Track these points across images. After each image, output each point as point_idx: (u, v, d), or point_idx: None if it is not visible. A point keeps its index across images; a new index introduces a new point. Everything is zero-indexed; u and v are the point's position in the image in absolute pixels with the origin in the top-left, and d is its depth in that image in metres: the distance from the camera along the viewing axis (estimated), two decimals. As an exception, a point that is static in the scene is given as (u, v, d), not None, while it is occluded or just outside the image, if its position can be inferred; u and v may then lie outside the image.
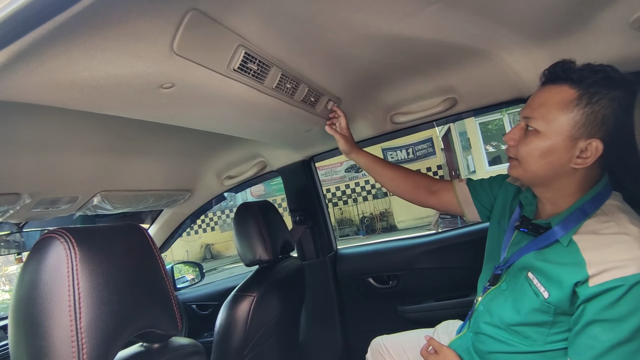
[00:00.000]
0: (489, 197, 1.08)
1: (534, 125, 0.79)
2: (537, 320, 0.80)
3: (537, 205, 0.91)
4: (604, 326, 0.70)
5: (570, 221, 0.78)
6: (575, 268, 0.73)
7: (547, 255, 0.81)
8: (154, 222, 2.02)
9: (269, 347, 1.23)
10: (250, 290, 1.17)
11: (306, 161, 1.78)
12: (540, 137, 0.78)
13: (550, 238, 0.80)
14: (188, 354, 0.74)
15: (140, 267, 0.65)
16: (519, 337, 0.85)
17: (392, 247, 1.79)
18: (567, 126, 0.75)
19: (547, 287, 0.78)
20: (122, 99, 0.73)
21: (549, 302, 0.77)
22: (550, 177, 0.81)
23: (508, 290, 0.89)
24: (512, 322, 0.85)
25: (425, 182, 1.19)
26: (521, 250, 0.87)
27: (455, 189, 1.13)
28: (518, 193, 1.00)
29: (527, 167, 0.82)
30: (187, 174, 1.73)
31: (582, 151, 0.75)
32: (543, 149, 0.78)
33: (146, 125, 0.96)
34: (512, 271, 0.89)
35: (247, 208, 1.28)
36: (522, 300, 0.83)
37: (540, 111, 0.78)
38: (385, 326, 1.48)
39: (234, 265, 9.38)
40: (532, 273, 0.82)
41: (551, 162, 0.78)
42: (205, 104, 0.87)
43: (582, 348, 0.73)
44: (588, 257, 0.73)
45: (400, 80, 1.32)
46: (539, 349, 0.82)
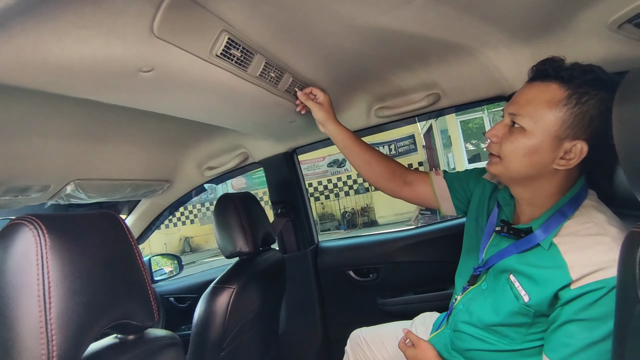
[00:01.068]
0: (465, 192, 1.08)
1: (521, 122, 0.77)
2: (515, 322, 0.81)
3: (515, 206, 0.91)
4: (581, 325, 0.71)
5: (551, 224, 0.78)
6: (558, 272, 0.74)
7: (529, 258, 0.80)
8: (131, 213, 1.96)
9: (248, 340, 1.22)
10: (229, 282, 1.15)
11: (289, 153, 1.77)
12: (527, 135, 0.76)
13: (531, 242, 0.80)
14: (164, 346, 0.73)
15: (116, 256, 0.63)
16: (497, 336, 0.86)
17: (372, 241, 1.80)
18: (555, 126, 0.74)
19: (528, 291, 0.78)
20: (97, 82, 0.70)
21: (529, 305, 0.78)
22: (531, 177, 0.80)
23: (488, 291, 0.89)
24: (491, 322, 0.85)
25: (401, 171, 1.15)
26: (501, 253, 0.86)
27: (432, 182, 1.11)
28: (495, 190, 1.00)
29: (509, 166, 0.80)
30: (167, 163, 1.68)
31: (566, 152, 0.74)
32: (528, 148, 0.77)
33: (124, 111, 0.93)
34: (493, 272, 0.89)
35: (227, 199, 1.25)
36: (501, 302, 0.83)
37: (528, 109, 0.77)
38: (365, 318, 1.50)
39: (214, 259, 9.28)
40: (514, 276, 0.82)
41: (534, 161, 0.77)
42: (186, 90, 0.85)
43: (558, 345, 0.74)
44: (569, 260, 0.73)
45: (385, 73, 1.32)
46: (517, 347, 0.83)
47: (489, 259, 0.90)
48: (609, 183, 1.01)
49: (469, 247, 1.04)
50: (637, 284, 0.51)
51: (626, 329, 0.53)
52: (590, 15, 0.93)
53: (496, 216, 0.95)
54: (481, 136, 9.82)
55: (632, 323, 0.52)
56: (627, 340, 0.53)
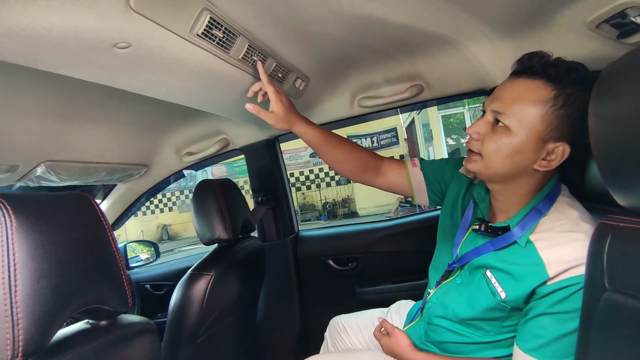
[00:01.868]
0: (440, 185, 1.08)
1: (505, 121, 0.75)
2: (491, 316, 0.83)
3: (490, 202, 0.91)
4: (553, 318, 0.73)
5: (527, 222, 0.79)
6: (536, 269, 0.74)
7: (506, 256, 0.81)
8: (106, 198, 1.90)
9: (226, 327, 1.21)
10: (207, 269, 1.14)
11: (271, 141, 1.74)
12: (511, 135, 0.74)
13: (508, 239, 0.80)
14: (138, 332, 0.71)
15: (87, 239, 0.61)
16: (472, 329, 0.87)
17: (352, 231, 1.81)
18: (540, 127, 0.72)
19: (505, 288, 0.79)
20: (68, 55, 0.66)
21: (506, 301, 0.79)
22: (510, 176, 0.79)
23: (462, 285, 0.90)
24: (466, 316, 0.87)
25: (374, 163, 1.10)
26: (478, 250, 0.86)
27: (408, 174, 1.09)
28: (471, 186, 1.00)
29: (490, 165, 0.79)
30: (144, 147, 1.63)
31: (549, 153, 0.74)
32: (512, 148, 0.75)
33: (99, 90, 0.89)
34: (468, 268, 0.90)
35: (207, 185, 1.23)
36: (477, 297, 0.84)
37: (514, 108, 0.74)
38: (343, 307, 1.51)
39: (192, 247, 9.18)
40: (491, 272, 0.83)
41: (516, 161, 0.76)
42: (164, 70, 0.82)
43: (529, 336, 0.76)
44: (546, 257, 0.74)
45: (369, 63, 1.31)
46: (491, 339, 0.85)
47: (464, 255, 0.90)
48: (581, 179, 1.05)
49: (442, 242, 1.04)
50: (604, 274, 0.53)
51: (592, 317, 0.56)
52: (570, 13, 0.95)
53: (471, 212, 0.95)
54: (462, 131, 9.99)
55: (598, 311, 0.54)
56: (592, 326, 0.56)
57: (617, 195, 0.52)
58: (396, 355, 0.98)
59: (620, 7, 0.80)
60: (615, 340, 0.50)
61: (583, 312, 0.60)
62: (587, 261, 0.58)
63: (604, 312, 0.53)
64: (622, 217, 0.53)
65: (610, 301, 0.52)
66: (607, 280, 0.52)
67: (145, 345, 0.72)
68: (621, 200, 0.52)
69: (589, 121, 0.56)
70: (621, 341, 0.49)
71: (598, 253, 0.55)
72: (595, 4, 0.86)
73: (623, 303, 0.49)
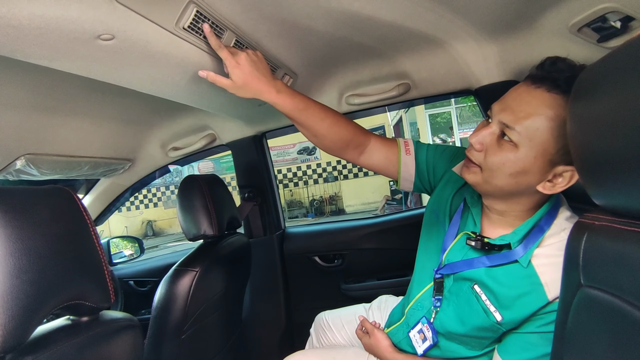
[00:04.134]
0: (429, 177, 1.00)
1: (514, 138, 0.67)
2: (481, 335, 0.80)
3: (483, 212, 0.85)
4: (543, 337, 0.71)
5: (530, 240, 0.73)
6: (535, 293, 0.71)
7: (499, 275, 0.76)
8: (89, 192, 1.87)
9: (211, 323, 1.21)
10: (192, 265, 1.13)
11: (258, 137, 1.74)
12: (518, 152, 0.67)
13: (508, 257, 0.75)
14: (121, 328, 0.70)
15: (69, 234, 0.60)
16: (457, 342, 0.85)
17: (338, 228, 1.82)
18: (552, 149, 0.65)
19: (499, 309, 0.75)
20: (50, 46, 0.64)
21: (501, 324, 0.75)
22: (510, 194, 0.73)
23: (451, 296, 0.85)
24: (456, 332, 0.83)
25: (357, 140, 0.97)
26: (470, 262, 0.80)
27: (400, 161, 0.99)
28: (462, 186, 0.93)
29: (490, 180, 0.72)
30: (129, 141, 1.61)
31: (555, 176, 0.67)
32: (516, 167, 0.68)
33: (83, 83, 0.87)
34: (457, 278, 0.84)
35: (192, 180, 1.22)
36: (468, 313, 0.80)
37: (526, 123, 0.65)
38: (329, 303, 1.52)
39: (178, 243, 9.07)
40: (481, 288, 0.78)
41: (520, 181, 0.69)
42: (150, 64, 0.80)
43: (516, 349, 0.75)
44: (545, 279, 0.70)
45: (357, 61, 1.32)
46: (475, 354, 0.84)
47: (452, 264, 0.84)
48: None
49: (427, 242, 0.98)
50: (580, 270, 0.55)
51: (567, 311, 0.58)
52: (554, 17, 0.97)
53: (460, 215, 0.90)
54: (448, 130, 10.10)
55: (573, 305, 0.56)
56: (567, 320, 0.57)
57: (594, 195, 0.53)
58: (377, 355, 0.99)
59: (601, 11, 0.83)
60: (589, 333, 0.52)
61: (559, 308, 0.61)
62: (564, 258, 0.60)
63: (578, 307, 0.55)
64: (597, 216, 0.55)
65: (585, 296, 0.53)
66: (583, 277, 0.54)
67: (128, 341, 0.72)
68: (597, 200, 0.53)
69: (567, 122, 0.57)
70: (594, 334, 0.51)
71: (574, 250, 0.56)
72: (578, 8, 0.88)
73: (597, 298, 0.50)
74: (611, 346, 0.47)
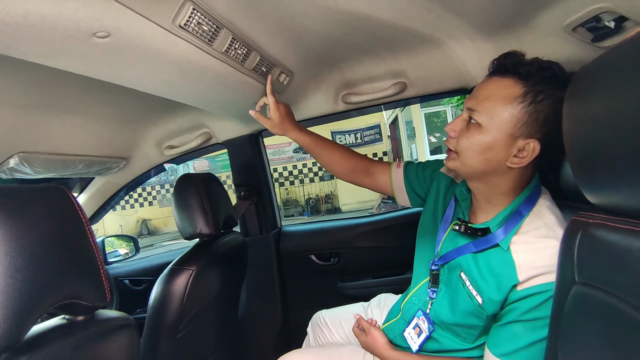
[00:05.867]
0: (422, 186, 1.09)
1: (477, 118, 0.77)
2: (469, 323, 0.84)
3: (472, 201, 0.91)
4: (526, 326, 0.74)
5: (510, 224, 0.79)
6: (507, 273, 0.75)
7: (480, 259, 0.82)
8: (83, 191, 1.85)
9: (207, 322, 1.21)
10: (188, 263, 1.13)
11: (254, 135, 1.73)
12: (482, 131, 0.76)
13: (490, 241, 0.80)
14: (117, 327, 0.70)
15: (64, 232, 0.59)
16: (450, 334, 0.89)
17: (335, 226, 1.83)
18: (510, 123, 0.73)
19: (479, 292, 0.80)
20: (45, 44, 0.64)
21: (483, 308, 0.79)
22: (486, 173, 0.80)
23: (445, 286, 0.91)
24: (448, 321, 0.88)
25: (362, 165, 1.17)
26: (459, 250, 0.87)
27: (391, 174, 1.13)
28: (452, 184, 1.01)
29: (465, 161, 0.80)
30: (124, 140, 1.60)
31: (520, 150, 0.74)
32: (483, 144, 0.76)
33: (78, 80, 0.86)
34: (448, 267, 0.90)
35: (188, 179, 1.21)
36: (457, 301, 0.85)
37: (485, 104, 0.76)
38: (325, 301, 1.52)
39: (173, 242, 9.03)
40: (466, 274, 0.83)
41: (489, 158, 0.77)
42: (146, 62, 0.80)
43: (502, 341, 0.78)
44: (518, 260, 0.75)
45: (353, 59, 1.32)
46: (467, 346, 0.87)
47: (446, 254, 0.90)
48: (556, 178, 1.09)
49: (424, 239, 1.04)
50: (575, 267, 0.56)
51: (562, 308, 0.58)
52: (549, 16, 0.98)
53: (452, 210, 0.96)
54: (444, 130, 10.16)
55: (568, 302, 0.57)
56: (562, 317, 0.58)
57: (588, 193, 0.54)
58: (373, 353, 1.00)
59: (595, 11, 0.83)
60: (583, 330, 0.53)
61: (554, 304, 0.62)
62: (559, 256, 0.61)
63: (573, 304, 0.55)
64: (592, 214, 0.55)
65: (579, 293, 0.54)
66: (577, 274, 0.55)
67: (124, 340, 0.71)
68: (592, 198, 0.54)
69: (563, 121, 0.58)
70: (588, 330, 0.51)
71: (569, 248, 0.57)
72: (572, 8, 0.89)
73: (591, 295, 0.51)
74: (605, 343, 0.47)
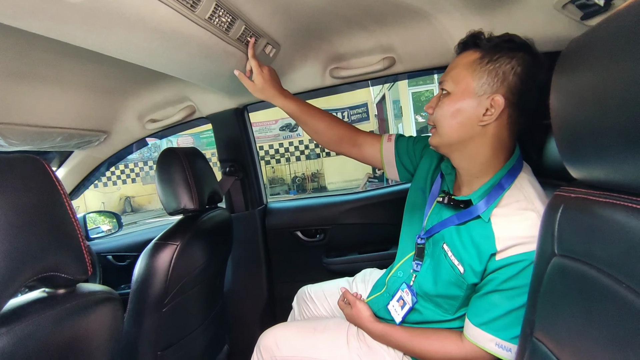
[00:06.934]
0: (411, 161, 1.11)
1: (446, 87, 0.84)
2: (450, 294, 0.87)
3: (456, 176, 0.95)
4: (503, 295, 0.78)
5: (491, 196, 0.82)
6: (486, 242, 0.79)
7: (465, 230, 0.85)
8: (62, 165, 1.80)
9: (192, 296, 1.21)
10: (173, 238, 1.11)
11: (239, 109, 1.69)
12: (451, 97, 0.83)
13: (472, 213, 0.84)
14: (99, 301, 0.69)
15: (41, 204, 0.57)
16: (432, 305, 0.92)
17: (321, 203, 1.83)
18: (472, 83, 0.80)
19: (460, 261, 0.84)
20: (13, 2, 0.59)
21: (464, 277, 0.83)
22: (463, 141, 0.84)
23: (429, 260, 0.94)
24: (430, 292, 0.91)
25: (350, 135, 1.16)
26: (443, 223, 0.90)
27: (381, 148, 1.14)
28: (440, 161, 1.03)
29: (442, 132, 0.85)
30: (104, 112, 1.54)
31: (488, 109, 0.80)
32: (453, 109, 0.82)
33: (54, 47, 0.81)
34: (432, 241, 0.94)
35: (171, 153, 1.18)
36: (440, 272, 0.88)
37: (451, 74, 0.84)
38: (310, 277, 1.54)
39: (158, 219, 8.95)
40: (448, 246, 0.87)
41: (461, 122, 0.82)
42: (124, 27, 0.76)
43: (481, 311, 0.81)
44: (497, 231, 0.79)
45: (342, 32, 1.28)
46: (449, 317, 0.90)
47: (431, 227, 0.94)
48: (538, 156, 1.10)
49: (411, 215, 1.07)
50: (555, 241, 0.57)
51: (541, 280, 0.60)
52: None
53: (439, 185, 0.99)
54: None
55: (547, 274, 0.59)
56: (540, 288, 0.60)
57: (572, 168, 0.55)
58: (358, 325, 1.02)
59: (586, -13, 0.82)
60: (561, 300, 0.54)
61: (533, 276, 0.64)
62: (540, 229, 0.62)
63: (551, 275, 0.57)
64: (574, 189, 0.56)
65: (558, 265, 0.56)
66: (557, 247, 0.56)
67: (107, 314, 0.71)
68: (574, 173, 0.55)
69: (550, 97, 0.58)
70: (566, 300, 0.53)
71: (550, 222, 0.58)
72: None
73: (569, 266, 0.53)
74: (582, 312, 0.49)
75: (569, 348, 0.52)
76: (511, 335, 0.77)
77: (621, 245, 0.43)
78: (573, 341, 0.51)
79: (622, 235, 0.43)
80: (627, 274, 0.42)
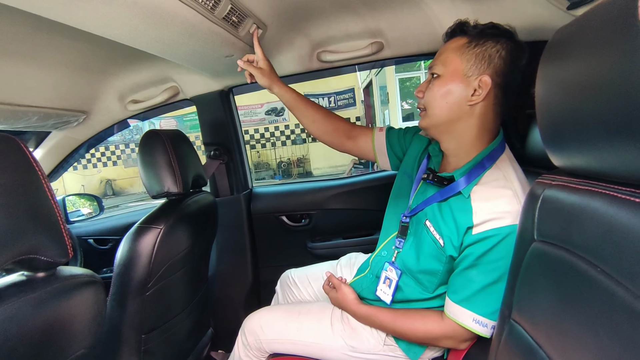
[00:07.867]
0: (402, 148, 1.14)
1: (436, 71, 0.88)
2: (431, 268, 0.90)
3: (442, 158, 0.98)
4: (479, 269, 0.81)
5: (472, 174, 0.86)
6: (464, 216, 0.83)
7: (446, 206, 0.88)
8: (39, 146, 1.73)
9: (176, 280, 1.20)
10: (156, 222, 1.10)
11: (225, 92, 1.66)
12: (441, 80, 0.87)
13: (454, 189, 0.87)
14: (81, 284, 0.68)
15: (17, 185, 0.56)
16: (414, 282, 0.94)
17: (306, 188, 1.83)
18: (461, 65, 0.85)
19: (441, 235, 0.87)
20: None
21: (444, 250, 0.86)
22: (451, 121, 0.88)
23: (412, 237, 0.97)
24: (414, 268, 0.93)
25: (345, 127, 1.20)
26: (427, 200, 0.93)
27: (373, 137, 1.17)
28: (428, 146, 1.05)
29: (431, 113, 0.89)
30: (83, 92, 1.48)
31: (476, 89, 0.84)
32: (443, 90, 0.87)
33: (28, 20, 0.77)
34: (416, 219, 0.96)
35: (154, 135, 1.15)
36: (422, 247, 0.91)
37: (440, 58, 0.89)
38: (295, 261, 1.55)
39: (140, 203, 8.81)
40: (430, 221, 0.90)
41: (450, 102, 0.86)
42: (102, 1, 0.72)
43: (459, 287, 0.84)
44: (475, 206, 0.82)
45: (331, 15, 1.26)
46: (428, 295, 0.93)
47: (416, 206, 0.96)
48: (522, 145, 1.13)
49: (396, 198, 1.10)
50: (535, 226, 0.59)
51: (520, 264, 0.62)
52: None
53: (425, 166, 1.01)
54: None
55: (525, 259, 0.60)
56: (519, 273, 0.62)
57: (553, 156, 0.56)
58: (343, 308, 1.04)
59: (574, -25, 0.83)
60: (539, 284, 0.56)
61: (513, 261, 0.66)
62: (521, 215, 0.64)
63: (530, 260, 0.59)
64: (555, 176, 0.58)
65: (537, 250, 0.57)
66: (536, 232, 0.58)
67: (89, 297, 0.70)
68: (556, 160, 0.56)
69: (536, 86, 0.59)
70: (544, 284, 0.55)
71: (531, 208, 0.60)
72: None
73: (548, 251, 0.54)
74: (559, 296, 0.51)
75: (543, 328, 0.54)
76: (488, 311, 0.80)
77: (597, 231, 0.45)
78: (547, 322, 0.53)
79: (598, 221, 0.45)
80: (601, 259, 0.44)
